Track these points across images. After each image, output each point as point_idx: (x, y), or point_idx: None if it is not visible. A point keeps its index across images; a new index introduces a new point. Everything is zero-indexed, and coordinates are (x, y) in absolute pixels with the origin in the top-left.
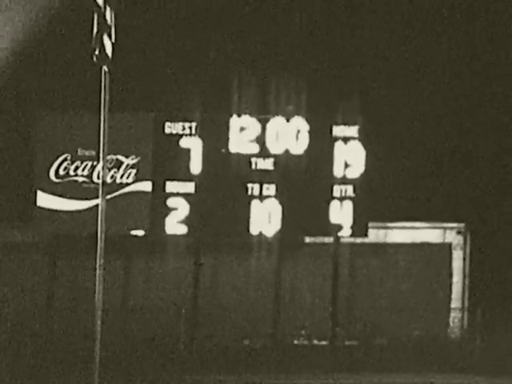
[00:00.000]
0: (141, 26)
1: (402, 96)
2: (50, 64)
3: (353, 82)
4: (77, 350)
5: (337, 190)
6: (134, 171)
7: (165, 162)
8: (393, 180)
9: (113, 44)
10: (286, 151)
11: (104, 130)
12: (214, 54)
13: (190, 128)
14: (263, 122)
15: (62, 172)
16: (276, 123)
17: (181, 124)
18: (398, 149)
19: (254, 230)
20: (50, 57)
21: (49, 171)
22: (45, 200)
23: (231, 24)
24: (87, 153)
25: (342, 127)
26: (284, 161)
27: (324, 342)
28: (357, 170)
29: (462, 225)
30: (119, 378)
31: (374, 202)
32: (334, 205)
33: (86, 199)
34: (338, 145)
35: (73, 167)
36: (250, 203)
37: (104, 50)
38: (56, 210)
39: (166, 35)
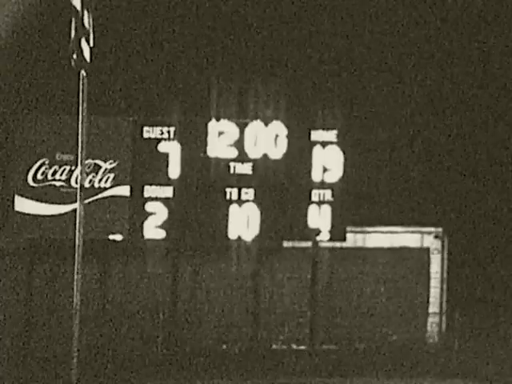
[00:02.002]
0: (119, 31)
1: (380, 100)
2: (28, 68)
3: (331, 87)
4: (55, 354)
5: (315, 195)
6: (112, 176)
7: (143, 166)
8: (371, 184)
9: (91, 48)
10: (265, 155)
11: (82, 134)
12: (192, 58)
13: (169, 132)
14: (241, 127)
15: (40, 176)
16: (254, 128)
17: (159, 128)
18: (376, 153)
19: (232, 234)
20: (27, 60)
21: (27, 176)
22: (23, 205)
23: (209, 28)
24: (65, 157)
25: (320, 132)
26: (262, 165)
27: (302, 347)
28: (335, 174)
29: (439, 229)
30: (97, 382)
31: (352, 206)
32: (313, 209)
33: (64, 204)
34: (317, 149)
35: (51, 172)
36: (228, 208)
37: (82, 54)
38: (34, 215)
39: (145, 40)
